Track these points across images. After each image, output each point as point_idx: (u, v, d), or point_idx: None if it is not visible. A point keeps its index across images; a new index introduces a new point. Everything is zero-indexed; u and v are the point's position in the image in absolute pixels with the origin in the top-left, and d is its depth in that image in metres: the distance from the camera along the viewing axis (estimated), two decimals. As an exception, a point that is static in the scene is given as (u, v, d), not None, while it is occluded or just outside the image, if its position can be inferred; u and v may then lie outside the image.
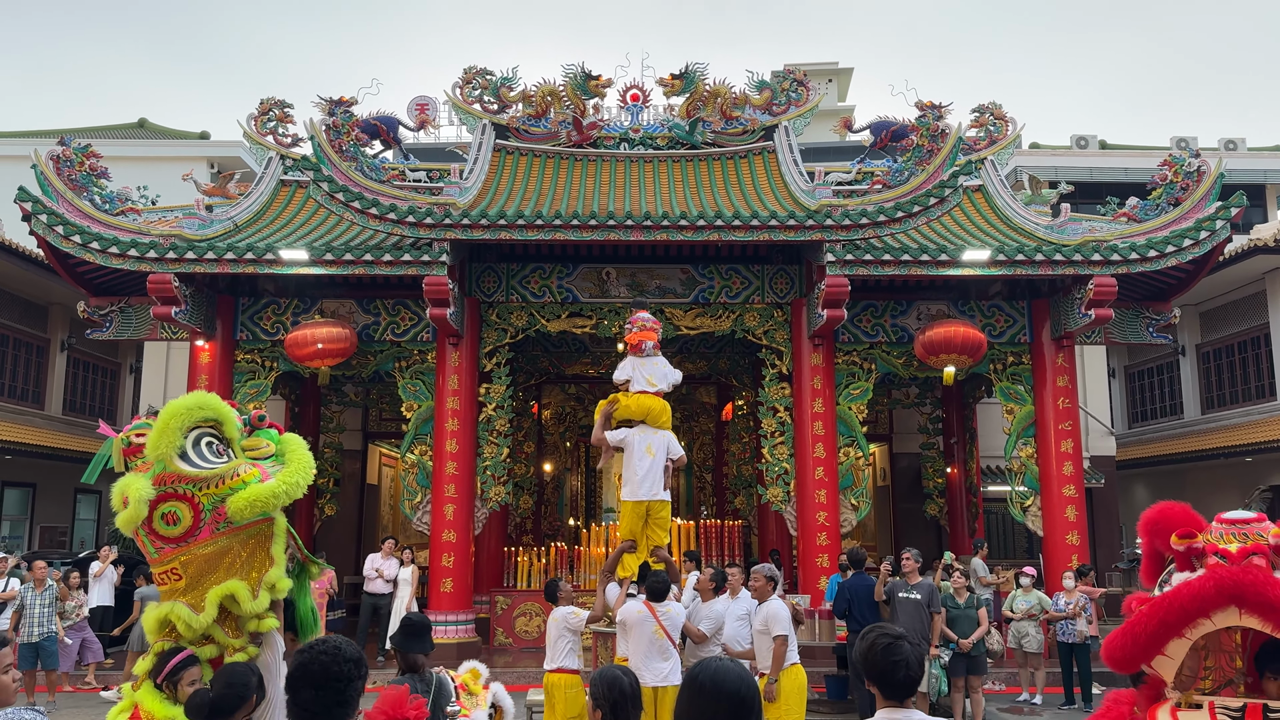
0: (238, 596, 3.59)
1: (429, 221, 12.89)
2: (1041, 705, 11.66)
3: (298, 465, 3.80)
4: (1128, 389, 24.58)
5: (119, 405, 23.10)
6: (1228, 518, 2.87)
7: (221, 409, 3.87)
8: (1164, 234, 13.47)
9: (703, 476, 21.51)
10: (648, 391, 8.01)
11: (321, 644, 2.53)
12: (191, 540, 3.63)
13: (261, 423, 4.06)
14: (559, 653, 7.13)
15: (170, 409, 3.74)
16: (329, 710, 2.42)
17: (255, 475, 3.69)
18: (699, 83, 16.68)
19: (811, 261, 14.13)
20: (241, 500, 3.58)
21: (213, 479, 3.64)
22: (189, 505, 3.63)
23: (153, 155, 22.43)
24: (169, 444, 3.67)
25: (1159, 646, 2.64)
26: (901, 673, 3.08)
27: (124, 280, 14.43)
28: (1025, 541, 19.31)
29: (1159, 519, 2.96)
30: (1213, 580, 2.56)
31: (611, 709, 3.42)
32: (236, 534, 3.66)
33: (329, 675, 2.42)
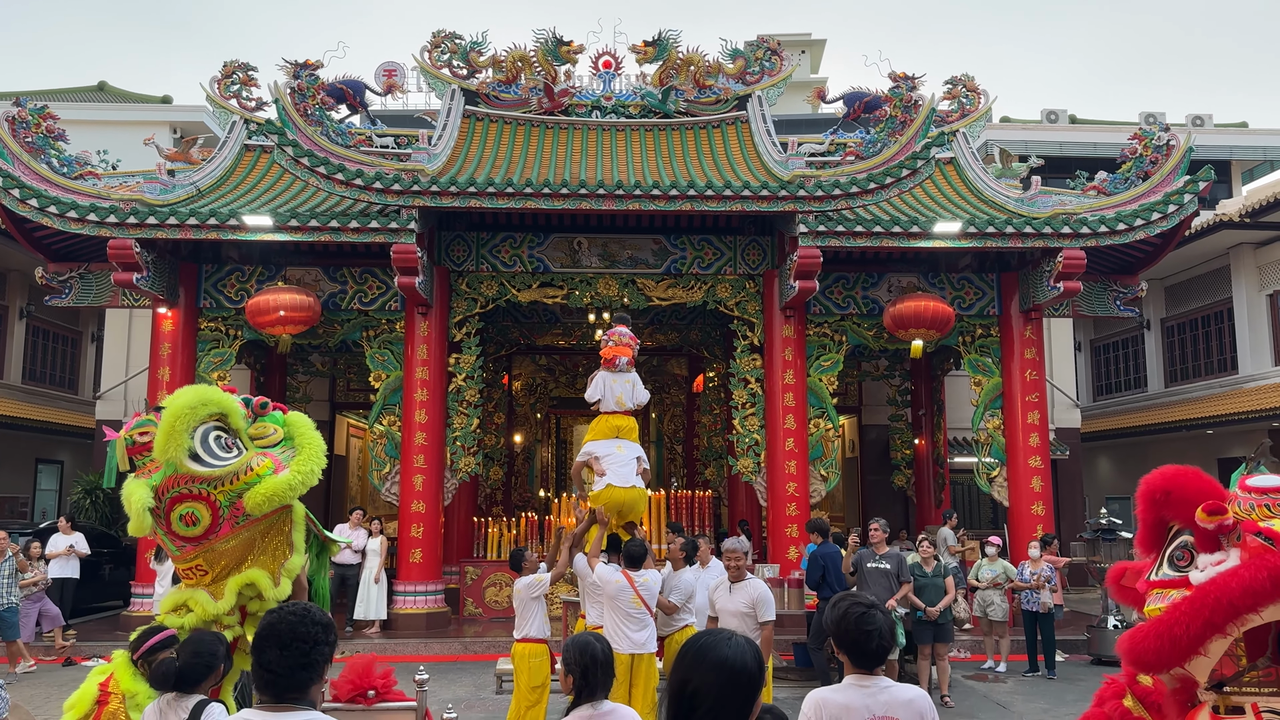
0: (259, 584, 3.67)
1: (396, 188, 12.68)
2: (1005, 673, 11.83)
3: (309, 452, 3.86)
4: (1093, 362, 24.88)
5: (80, 374, 22.72)
6: (1257, 485, 2.51)
7: (224, 401, 3.88)
8: (1133, 207, 13.56)
9: (673, 448, 21.55)
10: (616, 411, 7.93)
11: (292, 606, 2.47)
12: (213, 537, 3.69)
13: (264, 409, 4.07)
14: (524, 622, 7.10)
15: (173, 410, 3.74)
16: (293, 672, 2.36)
17: (269, 467, 3.75)
18: (672, 50, 16.52)
19: (784, 233, 14.09)
20: (259, 495, 3.65)
21: (227, 476, 3.69)
22: (206, 504, 3.67)
23: (113, 119, 21.94)
24: (177, 447, 3.68)
25: (1201, 647, 2.31)
26: (874, 642, 3.13)
27: (84, 246, 14.13)
28: (991, 512, 19.56)
29: (1170, 488, 2.56)
30: (1267, 572, 2.23)
31: (583, 674, 3.42)
32: (256, 525, 3.73)
33: (296, 635, 2.36)
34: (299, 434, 3.97)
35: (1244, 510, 2.42)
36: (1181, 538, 2.55)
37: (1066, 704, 10.11)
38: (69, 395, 22.07)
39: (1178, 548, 2.54)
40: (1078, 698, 10.34)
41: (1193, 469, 2.57)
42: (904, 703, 3.17)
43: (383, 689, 3.84)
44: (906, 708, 3.17)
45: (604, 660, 3.46)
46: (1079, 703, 10.15)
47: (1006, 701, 10.34)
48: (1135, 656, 2.41)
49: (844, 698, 3.19)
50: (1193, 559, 2.47)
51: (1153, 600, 2.52)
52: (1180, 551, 2.52)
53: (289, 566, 3.77)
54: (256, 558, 3.76)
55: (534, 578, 7.23)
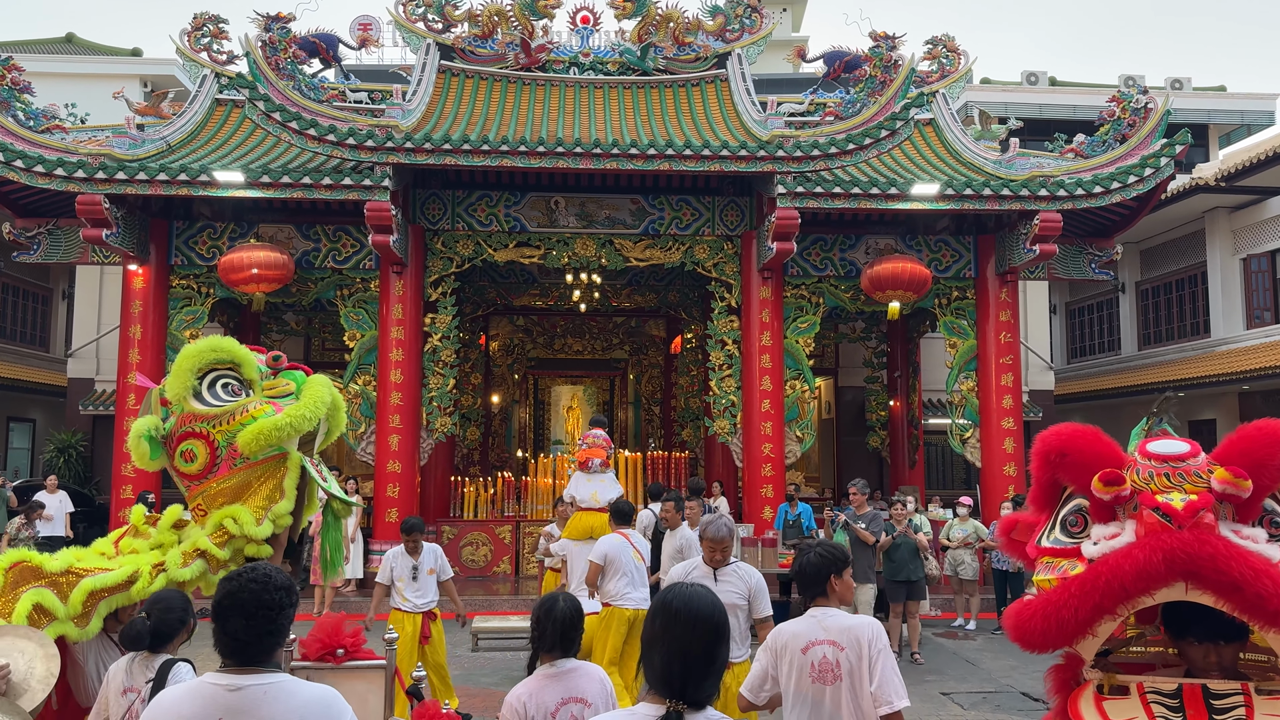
0: (240, 519, 3.77)
1: (370, 144, 12.51)
2: (975, 630, 12.02)
3: (307, 400, 3.96)
4: (1068, 325, 25.06)
5: (52, 331, 22.42)
6: (1157, 451, 2.28)
7: (238, 352, 4.06)
8: (1110, 170, 13.58)
9: (650, 409, 21.59)
10: (592, 509, 8.24)
11: (250, 571, 2.44)
12: (211, 476, 3.86)
13: (278, 362, 4.23)
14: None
15: (184, 352, 3.99)
16: (259, 639, 2.35)
17: (266, 410, 3.88)
18: (651, 6, 16.31)
19: (762, 194, 14.03)
20: (250, 434, 3.77)
21: (224, 415, 3.87)
22: (205, 442, 3.86)
23: (82, 72, 21.45)
24: (181, 385, 3.92)
25: (1090, 629, 2.15)
26: (807, 574, 3.64)
27: (52, 201, 13.89)
28: (964, 473, 19.75)
29: (1066, 448, 2.36)
30: (1161, 554, 2.05)
31: (536, 626, 3.50)
32: (254, 469, 3.86)
33: (260, 604, 2.34)
34: (306, 388, 4.09)
35: (1142, 479, 2.22)
36: (1075, 500, 2.37)
37: (1035, 661, 10.29)
38: (40, 353, 21.79)
39: (1071, 511, 2.36)
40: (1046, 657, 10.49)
41: (1092, 429, 2.38)
42: (844, 629, 3.47)
43: (352, 647, 3.85)
44: (845, 634, 3.46)
45: (560, 617, 3.47)
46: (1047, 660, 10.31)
47: (975, 658, 10.52)
48: (1020, 635, 2.27)
49: (795, 627, 3.58)
50: (1086, 525, 2.30)
51: (1041, 570, 2.35)
52: (1074, 516, 2.34)
53: (276, 510, 3.83)
54: (248, 498, 3.85)
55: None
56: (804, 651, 3.49)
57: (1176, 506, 2.11)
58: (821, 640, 3.48)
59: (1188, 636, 2.27)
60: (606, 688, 3.48)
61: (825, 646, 3.46)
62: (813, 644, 3.49)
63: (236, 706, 2.29)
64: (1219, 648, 2.23)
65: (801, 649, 3.50)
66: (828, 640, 3.46)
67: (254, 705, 2.30)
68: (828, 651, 3.45)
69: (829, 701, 3.43)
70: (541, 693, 3.38)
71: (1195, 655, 2.26)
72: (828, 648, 3.46)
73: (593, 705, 3.36)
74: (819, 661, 3.45)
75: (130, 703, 3.56)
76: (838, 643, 3.45)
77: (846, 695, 3.41)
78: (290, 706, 2.32)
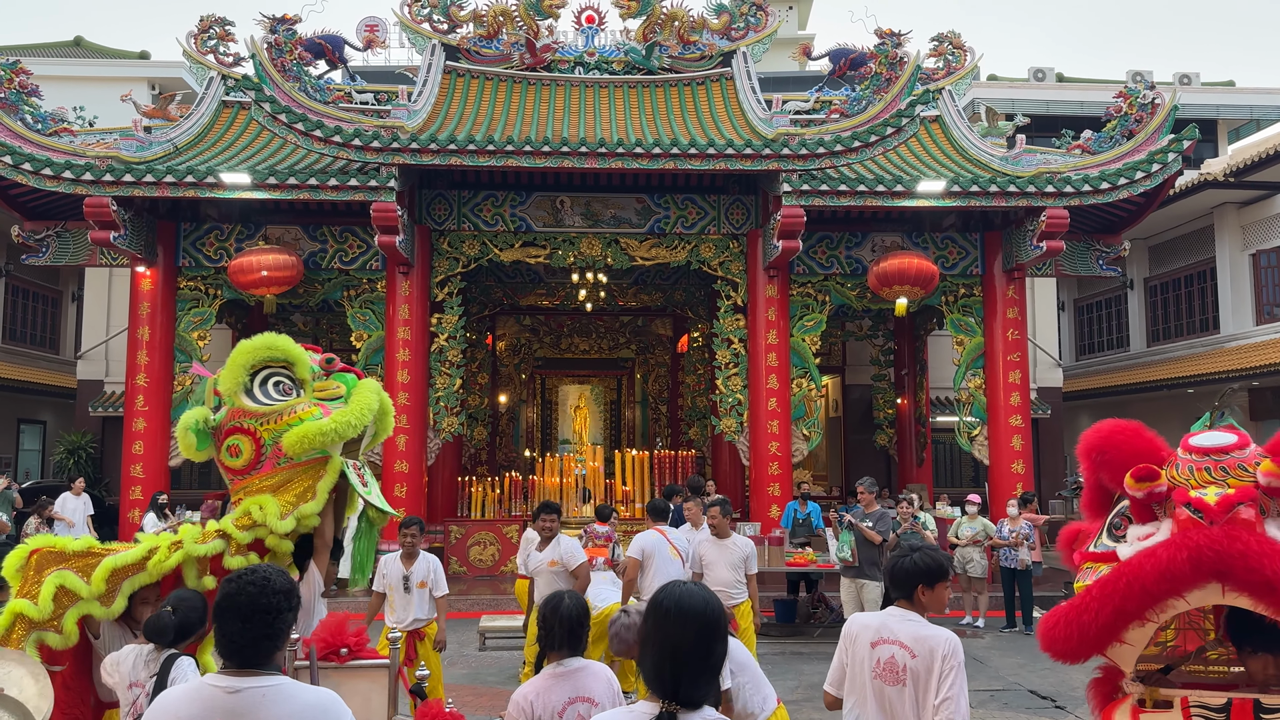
0: (265, 508, 3.80)
1: (376, 145, 12.54)
2: (983, 628, 11.99)
3: (355, 406, 3.99)
4: (1076, 321, 24.96)
5: (61, 333, 22.53)
6: (1199, 444, 2.13)
7: (292, 350, 4.08)
8: (1117, 166, 13.53)
9: (658, 408, 21.59)
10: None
11: (250, 574, 2.44)
12: (254, 472, 3.90)
13: (331, 364, 4.25)
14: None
15: (238, 348, 4.01)
16: (256, 643, 2.35)
17: (314, 413, 3.92)
18: (656, 5, 16.30)
19: (768, 192, 14.01)
20: (295, 435, 3.82)
21: (272, 414, 3.91)
22: (251, 439, 3.89)
23: (90, 75, 21.52)
24: (233, 380, 3.94)
25: (1114, 636, 2.03)
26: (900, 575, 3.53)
27: (60, 204, 13.95)
28: (972, 470, 19.70)
29: (1105, 445, 2.25)
30: (1187, 552, 1.91)
31: (543, 624, 3.51)
32: (296, 469, 3.89)
33: (257, 607, 2.34)
34: (355, 392, 4.11)
35: (1182, 475, 2.06)
36: (1121, 503, 2.23)
37: (1042, 659, 10.25)
38: (50, 355, 21.90)
39: (1117, 514, 2.23)
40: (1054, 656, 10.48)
41: (1133, 425, 2.27)
42: (920, 637, 3.37)
43: (355, 647, 3.85)
44: (920, 642, 3.36)
45: (566, 615, 3.47)
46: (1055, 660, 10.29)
47: (984, 656, 10.50)
48: (1047, 644, 2.17)
49: (869, 619, 3.55)
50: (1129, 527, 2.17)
51: (1081, 575, 2.25)
52: (1119, 520, 2.21)
53: (303, 509, 3.86)
54: (281, 494, 3.88)
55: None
56: (872, 646, 3.45)
57: (1210, 502, 1.96)
58: (892, 640, 3.41)
59: (1246, 646, 2.13)
60: (614, 687, 3.48)
61: (894, 648, 3.39)
62: (882, 641, 3.43)
63: (235, 709, 2.29)
64: (1278, 658, 2.07)
65: (871, 643, 3.46)
66: (898, 642, 3.39)
67: (252, 708, 2.30)
68: (896, 653, 3.38)
69: (890, 701, 3.38)
70: (548, 692, 3.37)
71: (1255, 667, 2.12)
72: (897, 649, 3.38)
73: (600, 704, 3.34)
74: (885, 660, 3.40)
75: (135, 697, 3.60)
76: (910, 648, 3.36)
77: (909, 701, 3.33)
78: (289, 710, 2.32)
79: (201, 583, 3.88)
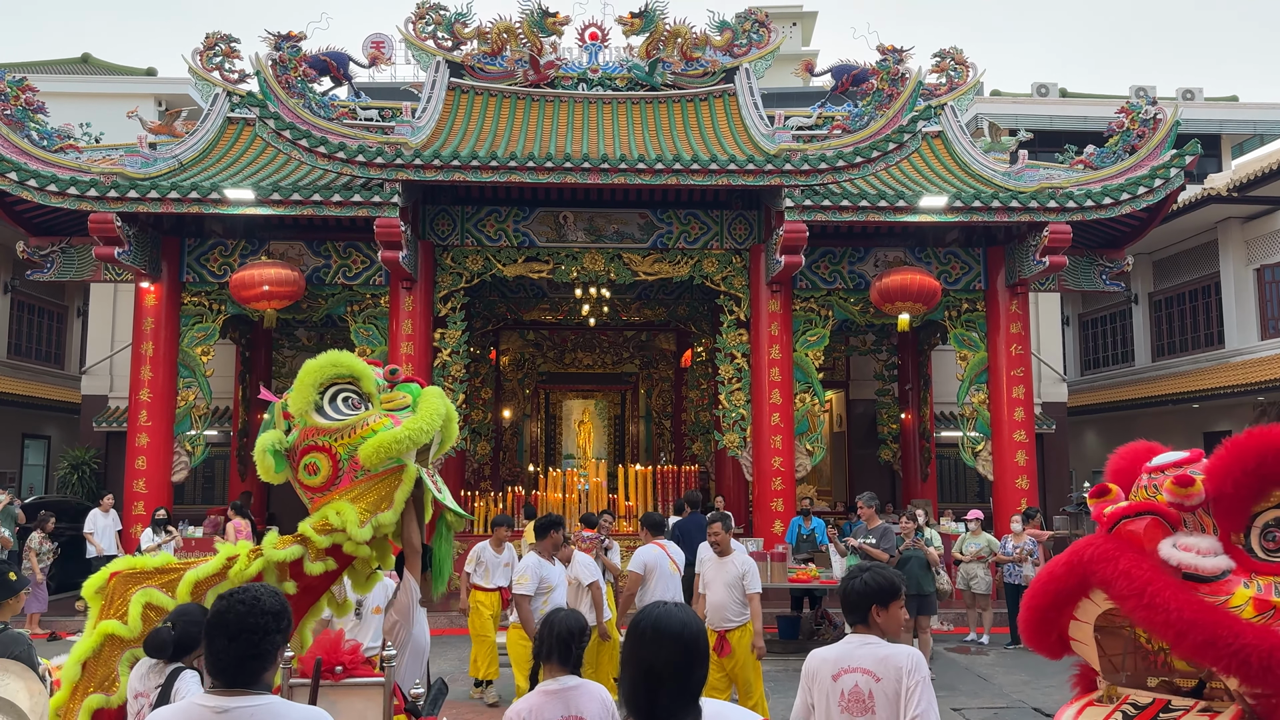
0: (344, 514, 3.82)
1: (379, 161, 12.58)
2: (988, 645, 11.93)
3: (424, 413, 4.02)
4: (1081, 336, 24.92)
5: (66, 349, 22.59)
6: (1154, 463, 2.23)
7: (357, 366, 4.13)
8: (1119, 181, 13.53)
9: (661, 423, 21.56)
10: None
11: (242, 593, 2.44)
12: (334, 488, 3.92)
13: (395, 376, 4.30)
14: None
15: (305, 367, 4.05)
16: (242, 663, 2.34)
17: (386, 424, 3.95)
18: (659, 22, 16.38)
19: (770, 207, 14.03)
20: (370, 446, 3.84)
21: (345, 429, 3.93)
22: (327, 456, 3.93)
23: (97, 91, 21.67)
24: (303, 400, 3.99)
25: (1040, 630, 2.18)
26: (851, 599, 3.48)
27: (65, 219, 14.01)
28: (977, 486, 19.62)
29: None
30: (1070, 558, 2.08)
31: (538, 640, 3.50)
32: (373, 480, 3.90)
33: (244, 626, 2.34)
34: (422, 400, 4.15)
35: (1140, 492, 2.17)
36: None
37: (1047, 676, 10.20)
38: (55, 370, 21.95)
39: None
40: (1059, 669, 10.34)
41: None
42: (880, 658, 3.30)
43: (350, 664, 3.84)
44: (882, 663, 3.29)
45: (561, 631, 3.46)
46: (1059, 675, 10.20)
47: (988, 674, 10.44)
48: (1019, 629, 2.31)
49: (827, 653, 3.43)
50: None
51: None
52: None
53: (381, 518, 3.87)
54: (358, 502, 3.90)
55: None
56: (834, 679, 3.34)
57: (1105, 513, 2.10)
58: (854, 668, 3.32)
59: None
60: (608, 706, 3.46)
61: (858, 675, 3.30)
62: (844, 671, 3.33)
63: None
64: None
65: (832, 676, 3.35)
66: (860, 669, 3.30)
67: None
68: (860, 680, 3.29)
69: None
70: (541, 709, 3.36)
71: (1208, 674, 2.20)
72: (860, 676, 3.29)
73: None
74: (849, 691, 3.30)
75: (140, 707, 3.65)
76: (873, 672, 3.27)
77: None
78: None
79: (282, 587, 3.91)
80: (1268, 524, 2.06)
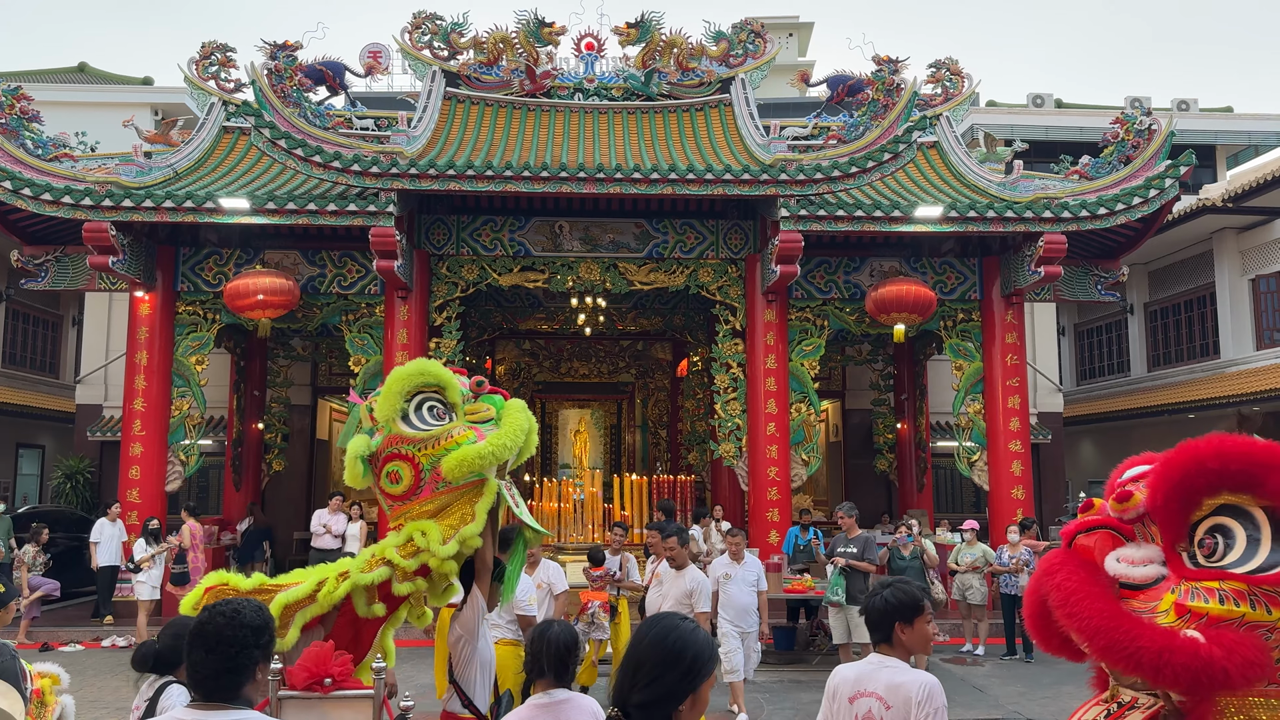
0: (428, 534, 3.82)
1: (375, 170, 12.57)
2: (984, 656, 11.89)
3: (508, 428, 4.00)
4: (1077, 346, 24.94)
5: (61, 358, 22.54)
6: (1126, 476, 2.26)
7: (443, 375, 4.10)
8: (1114, 192, 13.55)
9: (657, 433, 21.54)
10: None
11: (224, 605, 2.42)
12: (414, 498, 3.93)
13: (480, 387, 4.26)
14: None
15: (393, 375, 4.05)
16: (218, 675, 2.31)
17: (470, 437, 3.94)
18: (655, 32, 16.41)
19: (766, 217, 14.04)
20: (453, 459, 3.83)
21: (430, 440, 3.92)
22: (410, 465, 3.92)
23: (93, 101, 21.71)
24: (390, 407, 3.97)
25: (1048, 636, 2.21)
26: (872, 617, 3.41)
27: (60, 229, 13.99)
28: (973, 496, 19.61)
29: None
30: (1037, 567, 2.18)
31: (532, 655, 3.44)
32: (454, 493, 3.90)
33: (222, 639, 2.31)
34: (506, 414, 4.13)
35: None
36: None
37: (1043, 687, 10.17)
38: (49, 379, 21.90)
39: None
40: (1054, 681, 10.40)
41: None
42: (894, 685, 3.20)
43: (339, 676, 3.80)
44: (895, 691, 3.18)
45: (556, 644, 3.43)
46: (1055, 686, 10.21)
47: (984, 685, 10.40)
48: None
49: (849, 672, 3.36)
50: None
51: None
52: None
53: (464, 532, 3.86)
54: (442, 519, 3.90)
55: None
56: (850, 701, 3.28)
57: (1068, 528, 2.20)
58: (869, 692, 3.23)
59: None
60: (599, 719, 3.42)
61: (871, 700, 3.21)
62: (860, 695, 3.25)
63: None
64: None
65: (849, 698, 3.28)
66: (875, 694, 3.21)
67: None
68: (873, 706, 3.20)
69: None
70: None
71: None
72: (874, 702, 3.20)
73: None
74: (863, 715, 3.23)
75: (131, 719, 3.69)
76: (885, 699, 3.18)
77: None
78: None
79: (371, 610, 3.95)
80: (1205, 531, 2.09)
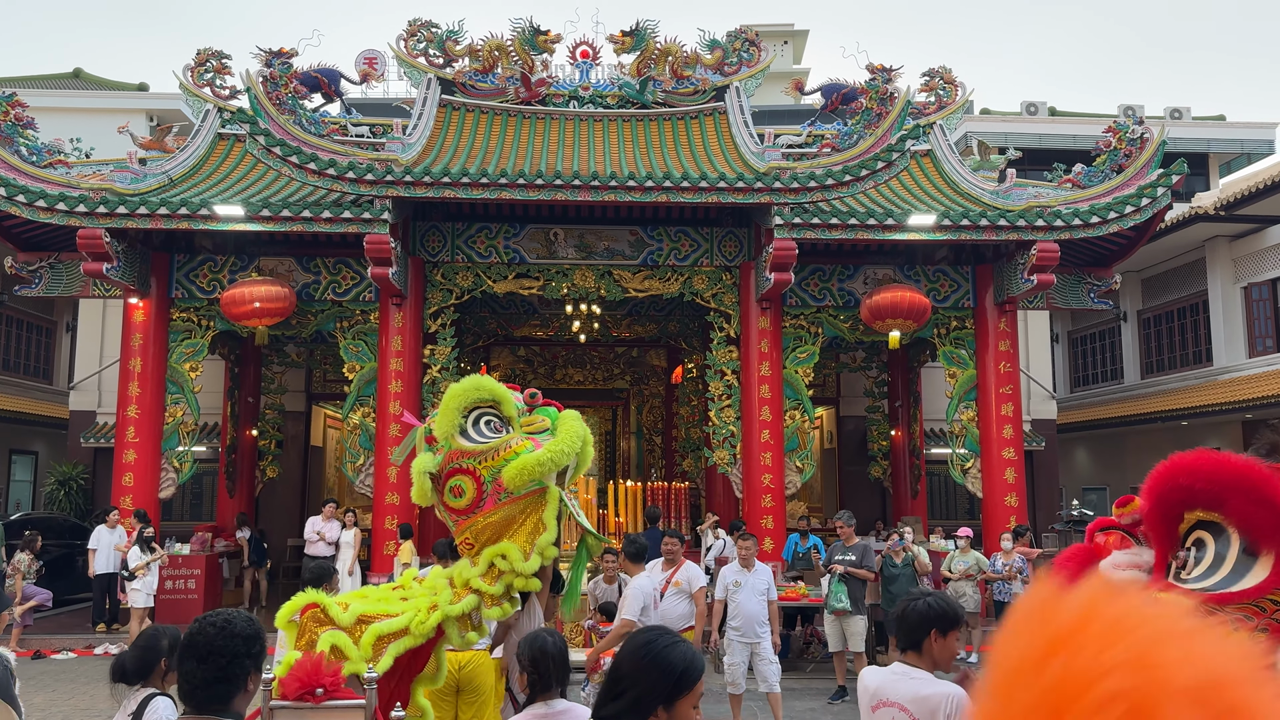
0: (509, 556, 3.89)
1: (370, 178, 12.59)
2: (977, 663, 11.89)
3: (564, 435, 4.08)
4: (1070, 354, 25.01)
5: (55, 364, 22.51)
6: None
7: (498, 390, 4.19)
8: (1107, 200, 13.61)
9: (652, 439, 21.54)
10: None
11: (214, 616, 2.43)
12: (478, 511, 3.99)
13: (534, 399, 4.35)
14: None
15: (450, 392, 4.14)
16: (210, 685, 2.32)
17: (527, 446, 4.02)
18: (650, 41, 16.45)
19: (760, 224, 14.07)
20: (513, 469, 3.89)
21: (489, 452, 3.99)
22: (472, 478, 4.00)
23: (88, 107, 21.68)
24: (449, 423, 4.06)
25: None
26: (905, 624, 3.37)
27: (54, 235, 13.98)
28: (967, 503, 19.63)
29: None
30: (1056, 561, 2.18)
31: (533, 667, 3.46)
32: (517, 503, 3.97)
33: (213, 649, 2.32)
34: (561, 423, 4.20)
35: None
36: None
37: (1035, 695, 10.16)
38: (43, 385, 21.87)
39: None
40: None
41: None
42: (919, 697, 3.14)
43: (332, 687, 3.79)
44: (920, 703, 3.13)
45: (555, 654, 3.45)
46: (1048, 693, 10.19)
47: (976, 692, 10.40)
48: None
49: (876, 679, 3.36)
50: None
51: None
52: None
53: (541, 543, 3.93)
54: (514, 534, 3.96)
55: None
56: (873, 710, 3.27)
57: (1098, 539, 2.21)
58: (891, 702, 3.19)
59: None
60: (595, 730, 3.43)
61: (895, 710, 3.17)
62: (882, 704, 3.23)
63: None
64: None
65: (871, 706, 3.28)
66: (897, 705, 3.17)
67: None
68: (896, 718, 3.17)
69: None
70: None
71: None
72: (897, 713, 3.16)
73: None
74: None
75: None
76: (910, 710, 3.13)
77: None
78: None
79: (466, 639, 4.01)
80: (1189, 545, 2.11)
